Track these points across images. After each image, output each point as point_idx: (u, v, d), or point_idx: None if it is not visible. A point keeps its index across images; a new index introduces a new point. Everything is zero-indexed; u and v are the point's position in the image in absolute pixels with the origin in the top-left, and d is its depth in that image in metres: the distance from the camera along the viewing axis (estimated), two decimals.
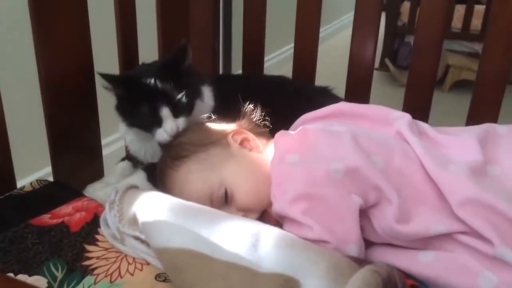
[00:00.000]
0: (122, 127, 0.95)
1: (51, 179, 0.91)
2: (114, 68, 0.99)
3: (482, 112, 1.02)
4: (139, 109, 0.87)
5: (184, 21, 1.17)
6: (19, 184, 0.87)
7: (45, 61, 0.87)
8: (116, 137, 1.57)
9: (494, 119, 0.99)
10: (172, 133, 0.87)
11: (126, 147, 1.00)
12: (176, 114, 0.88)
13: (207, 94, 0.97)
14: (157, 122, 0.87)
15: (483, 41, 1.02)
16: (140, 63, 1.00)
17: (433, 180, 0.70)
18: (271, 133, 0.86)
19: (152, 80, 0.87)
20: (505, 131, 0.80)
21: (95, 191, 0.91)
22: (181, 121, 0.88)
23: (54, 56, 0.88)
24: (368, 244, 0.71)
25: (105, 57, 1.05)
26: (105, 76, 0.86)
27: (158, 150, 0.92)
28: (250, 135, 0.84)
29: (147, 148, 0.95)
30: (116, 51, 1.02)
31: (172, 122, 0.87)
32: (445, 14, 1.02)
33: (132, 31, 1.05)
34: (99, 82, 0.96)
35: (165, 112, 0.86)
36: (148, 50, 1.05)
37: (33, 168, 1.39)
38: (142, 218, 0.67)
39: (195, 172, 0.78)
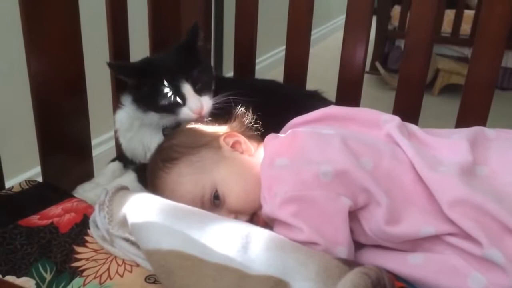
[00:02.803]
0: (122, 124, 0.95)
1: (40, 179, 0.91)
2: (104, 69, 0.98)
3: (471, 116, 1.02)
4: (159, 92, 0.87)
5: (175, 23, 1.17)
6: (8, 184, 0.86)
7: (35, 60, 0.86)
8: (106, 137, 1.57)
9: (482, 123, 1.00)
10: (198, 110, 0.87)
11: (119, 147, 1.00)
12: (198, 91, 0.88)
13: None
14: (181, 101, 0.87)
15: (472, 46, 1.03)
16: None
17: (422, 182, 0.70)
18: (262, 137, 0.86)
19: (169, 61, 0.89)
20: (494, 134, 0.81)
21: (85, 192, 0.91)
22: (206, 101, 0.89)
23: (44, 55, 0.88)
24: (358, 246, 0.72)
25: (96, 58, 1.05)
26: (116, 68, 0.89)
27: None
28: (242, 138, 0.84)
29: (145, 145, 0.95)
30: (107, 52, 1.02)
31: (196, 99, 0.87)
32: (434, 18, 1.03)
33: (124, 32, 1.04)
34: (89, 80, 0.97)
35: (187, 88, 0.87)
36: (139, 52, 1.05)
37: (22, 169, 1.38)
38: (131, 219, 0.67)
39: (186, 175, 0.78)
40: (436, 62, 2.62)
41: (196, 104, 0.87)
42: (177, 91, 0.87)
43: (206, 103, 0.89)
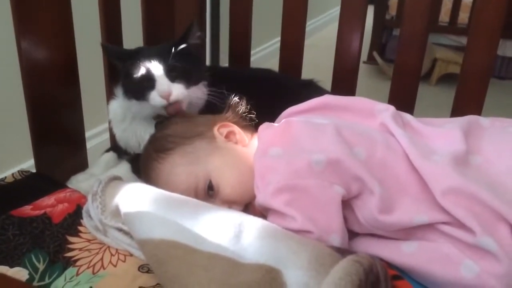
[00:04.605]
0: (116, 115, 0.96)
1: (34, 171, 0.90)
2: (97, 61, 0.98)
3: (466, 105, 1.03)
4: (132, 73, 0.87)
5: (169, 13, 1.16)
6: (2, 176, 0.86)
7: (27, 51, 0.85)
8: (101, 129, 1.56)
9: (478, 112, 1.00)
10: (165, 95, 0.85)
11: (113, 137, 1.00)
12: (171, 77, 0.87)
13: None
14: (150, 84, 0.86)
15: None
16: None
17: (416, 172, 0.71)
18: (256, 127, 0.86)
19: (153, 49, 0.90)
20: (488, 123, 0.81)
21: (78, 182, 0.91)
22: (177, 87, 0.87)
23: (36, 46, 0.87)
24: (352, 234, 0.72)
25: (89, 50, 1.04)
26: (109, 50, 0.92)
27: None
28: (236, 128, 0.84)
29: (139, 136, 0.95)
30: (100, 44, 1.01)
31: (165, 83, 0.86)
32: (430, 7, 1.02)
33: (116, 23, 1.04)
34: (82, 72, 0.96)
35: (158, 71, 0.86)
36: (133, 43, 1.04)
37: (16, 160, 1.38)
38: (124, 209, 0.66)
39: (180, 165, 0.78)
40: (434, 51, 2.61)
41: (164, 88, 0.85)
42: (149, 74, 0.86)
43: (176, 89, 0.86)
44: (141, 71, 0.87)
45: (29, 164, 1.33)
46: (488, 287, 0.61)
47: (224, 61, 1.58)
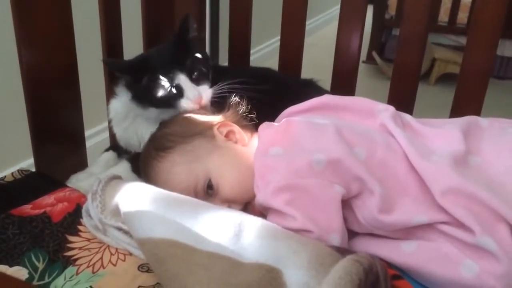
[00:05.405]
0: (117, 114, 0.95)
1: (34, 170, 0.90)
2: (97, 60, 0.98)
3: (465, 105, 1.03)
4: (156, 87, 0.87)
5: (169, 13, 1.16)
6: (2, 175, 0.86)
7: (27, 50, 0.85)
8: (100, 128, 1.56)
9: (477, 112, 1.00)
10: (196, 99, 0.86)
11: (113, 136, 1.00)
12: (194, 81, 0.88)
13: None
14: (178, 93, 0.87)
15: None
16: (124, 57, 0.99)
17: (416, 172, 0.71)
18: (256, 126, 0.86)
19: (162, 55, 0.89)
20: (487, 123, 0.81)
21: (78, 181, 0.90)
22: (203, 89, 0.88)
23: (36, 45, 0.87)
24: (352, 234, 0.72)
25: (89, 49, 1.04)
26: (112, 65, 0.90)
27: None
28: (236, 128, 0.84)
29: (140, 135, 0.95)
30: (100, 43, 1.01)
31: (194, 89, 0.87)
32: (430, 7, 1.02)
33: (116, 23, 1.03)
34: (82, 71, 0.96)
35: (182, 79, 0.87)
36: (133, 42, 1.04)
37: (16, 159, 1.38)
38: (124, 208, 0.66)
39: (180, 164, 0.78)
40: (433, 51, 2.61)
41: (194, 93, 0.87)
42: (174, 83, 0.87)
43: (204, 92, 0.89)
44: (164, 82, 0.87)
45: (28, 163, 1.33)
46: (487, 286, 0.61)
47: (223, 60, 1.58)
